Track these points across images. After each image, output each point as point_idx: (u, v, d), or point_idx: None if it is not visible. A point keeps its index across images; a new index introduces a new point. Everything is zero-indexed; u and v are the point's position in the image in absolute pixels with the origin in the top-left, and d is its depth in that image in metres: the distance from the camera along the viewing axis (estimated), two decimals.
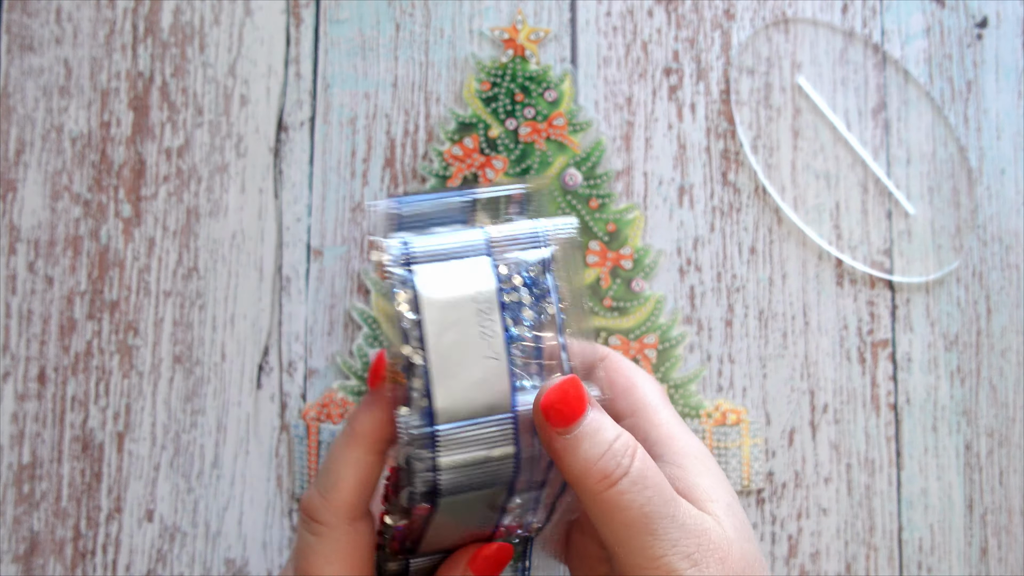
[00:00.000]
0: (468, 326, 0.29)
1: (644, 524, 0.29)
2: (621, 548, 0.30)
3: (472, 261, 0.29)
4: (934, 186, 0.47)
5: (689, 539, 0.30)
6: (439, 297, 0.28)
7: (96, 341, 0.45)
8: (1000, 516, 0.46)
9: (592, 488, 0.29)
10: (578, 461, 0.29)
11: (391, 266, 0.29)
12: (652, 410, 0.34)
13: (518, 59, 0.46)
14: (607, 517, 0.29)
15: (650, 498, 0.30)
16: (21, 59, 0.46)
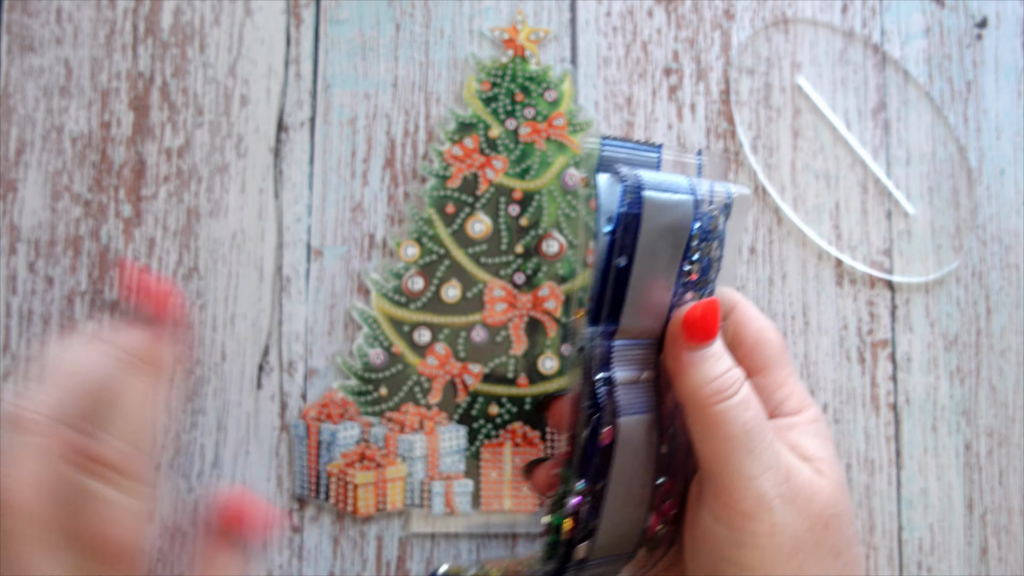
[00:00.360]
0: (663, 252, 0.31)
1: (743, 442, 0.31)
2: (718, 464, 0.31)
3: (680, 197, 0.32)
4: (934, 186, 0.47)
5: (781, 470, 0.31)
6: (654, 218, 0.31)
7: None
8: (1000, 516, 0.46)
9: (703, 400, 0.31)
10: (697, 374, 0.31)
11: (628, 178, 0.32)
12: (775, 369, 0.35)
13: (518, 59, 0.46)
14: (712, 432, 0.31)
15: (752, 418, 0.31)
16: (21, 59, 0.46)
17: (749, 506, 0.30)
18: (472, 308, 0.45)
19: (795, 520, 0.30)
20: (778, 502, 0.30)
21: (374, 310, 0.45)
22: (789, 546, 0.30)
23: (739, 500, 0.30)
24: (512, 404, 0.45)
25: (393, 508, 0.44)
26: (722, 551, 0.31)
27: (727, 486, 0.31)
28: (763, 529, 0.30)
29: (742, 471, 0.30)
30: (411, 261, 0.45)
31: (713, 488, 0.31)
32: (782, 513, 0.30)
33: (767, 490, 0.30)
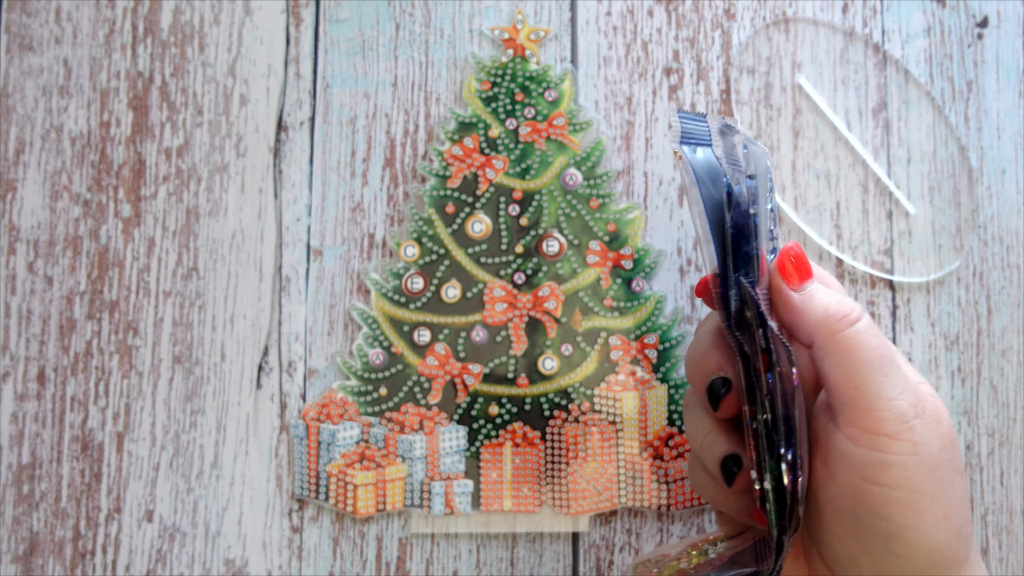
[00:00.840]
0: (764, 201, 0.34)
1: (879, 364, 0.32)
2: (857, 389, 0.32)
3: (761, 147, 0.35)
4: (935, 186, 0.47)
5: (913, 392, 0.32)
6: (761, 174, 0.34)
7: (96, 341, 0.45)
8: (1001, 516, 0.46)
9: (835, 326, 0.32)
10: (817, 306, 0.33)
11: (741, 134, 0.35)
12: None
13: (518, 59, 0.46)
14: (846, 356, 0.32)
15: (884, 343, 0.32)
16: (21, 59, 0.46)
17: (891, 427, 0.31)
18: (472, 308, 0.45)
19: (931, 439, 0.31)
20: (917, 422, 0.31)
21: (374, 310, 0.45)
22: (929, 464, 0.31)
23: (882, 421, 0.31)
24: (512, 404, 0.45)
25: (393, 508, 0.44)
26: (865, 474, 0.31)
27: (869, 408, 0.31)
28: (907, 448, 0.31)
29: (882, 393, 0.31)
30: (411, 261, 0.45)
31: (851, 414, 0.32)
32: (921, 432, 0.31)
33: (906, 410, 0.31)
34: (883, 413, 0.31)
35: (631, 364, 0.45)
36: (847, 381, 0.32)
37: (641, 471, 0.44)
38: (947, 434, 0.32)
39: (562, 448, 0.44)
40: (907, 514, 0.31)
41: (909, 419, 0.31)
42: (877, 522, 0.31)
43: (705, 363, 0.36)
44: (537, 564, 0.45)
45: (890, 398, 0.31)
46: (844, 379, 0.32)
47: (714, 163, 0.34)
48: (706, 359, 0.36)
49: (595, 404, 0.45)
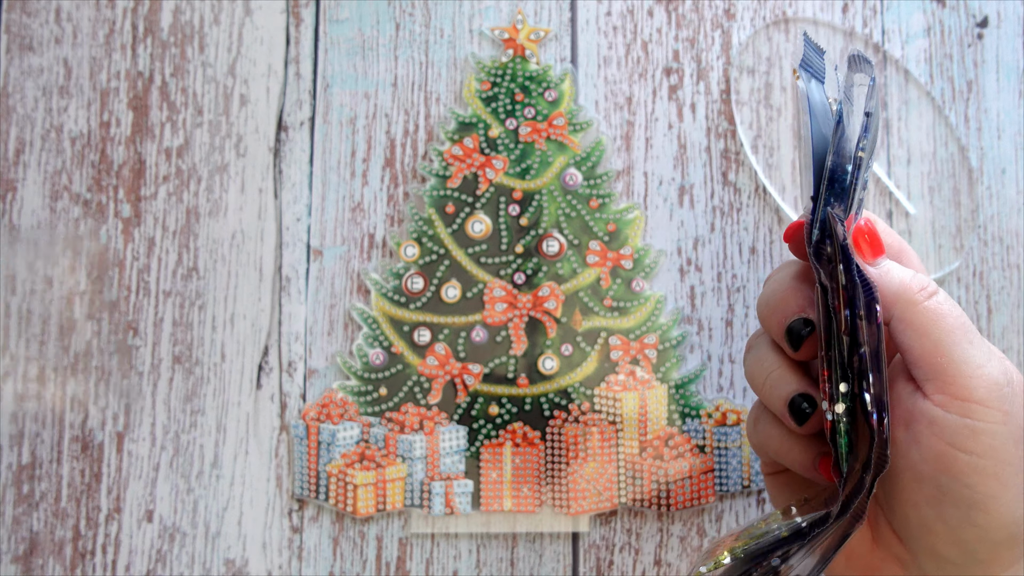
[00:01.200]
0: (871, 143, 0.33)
1: (964, 333, 0.32)
2: (944, 357, 0.31)
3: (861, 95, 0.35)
4: (935, 186, 0.47)
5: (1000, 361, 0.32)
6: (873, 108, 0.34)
7: (96, 341, 0.45)
8: None
9: (915, 298, 0.32)
10: (895, 278, 0.33)
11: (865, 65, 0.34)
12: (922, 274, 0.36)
13: (518, 59, 0.46)
14: (931, 325, 0.32)
15: (963, 312, 0.32)
16: (21, 59, 0.46)
17: (983, 394, 0.31)
18: (472, 308, 0.45)
19: (1020, 410, 0.31)
20: (1008, 390, 0.31)
21: (374, 310, 0.45)
22: (1018, 435, 0.31)
23: (974, 388, 0.31)
24: (512, 404, 0.45)
25: (393, 508, 0.44)
26: (953, 440, 0.31)
27: (959, 374, 0.31)
28: (997, 417, 0.30)
29: (971, 359, 0.31)
30: (411, 261, 0.45)
31: (941, 381, 0.31)
32: (1011, 401, 0.31)
33: (997, 377, 0.31)
34: (974, 380, 0.31)
35: (631, 364, 0.45)
36: (933, 350, 0.32)
37: (641, 471, 0.44)
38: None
39: (562, 448, 0.44)
40: (991, 483, 0.30)
41: (1001, 386, 0.31)
42: (960, 490, 0.31)
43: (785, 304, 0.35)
44: (537, 564, 0.45)
45: (979, 364, 0.31)
46: (930, 348, 0.32)
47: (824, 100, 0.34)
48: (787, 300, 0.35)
49: (595, 404, 0.45)
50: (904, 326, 0.32)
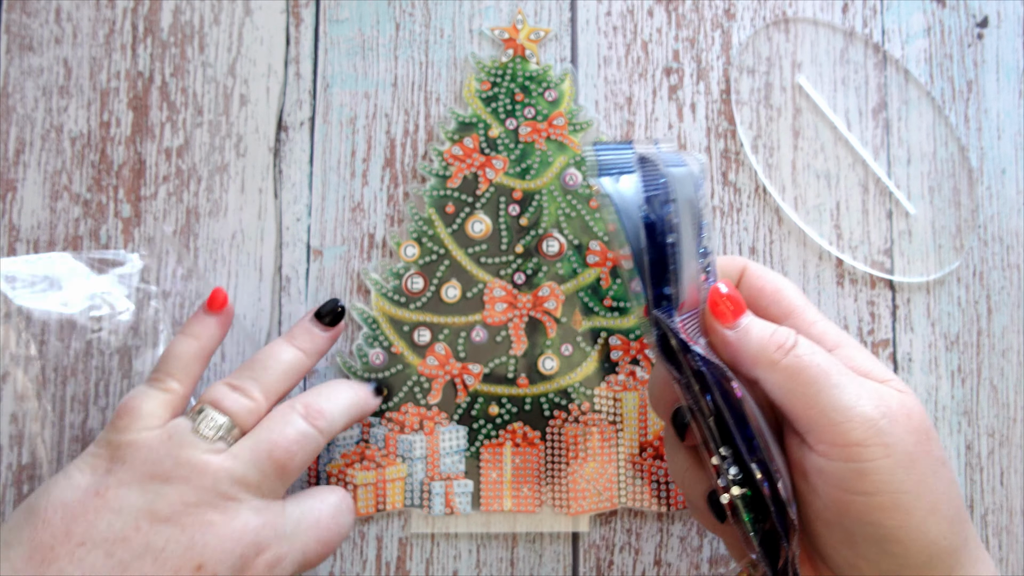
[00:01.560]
0: (689, 224, 0.34)
1: (827, 378, 0.32)
2: (812, 410, 0.32)
3: (686, 168, 0.35)
4: (935, 186, 0.47)
5: (872, 394, 0.32)
6: (680, 191, 0.34)
7: (96, 341, 0.45)
8: (1001, 516, 0.46)
9: (772, 358, 0.33)
10: (752, 341, 0.33)
11: (650, 158, 0.35)
12: (803, 310, 0.36)
13: (518, 59, 0.46)
14: (792, 382, 0.32)
15: (826, 357, 0.32)
16: (21, 59, 0.46)
17: (859, 435, 0.31)
18: (472, 308, 0.45)
19: (903, 436, 0.31)
20: (884, 422, 0.31)
21: (374, 310, 0.45)
22: (906, 461, 0.31)
23: (848, 432, 0.31)
24: (512, 404, 0.45)
25: (393, 508, 0.44)
26: (844, 486, 0.31)
27: (831, 423, 0.31)
28: (878, 452, 0.31)
29: (840, 405, 0.31)
30: (411, 261, 0.45)
31: (816, 433, 0.32)
32: (890, 431, 0.31)
33: (869, 413, 0.31)
34: (846, 424, 0.31)
35: (631, 364, 0.45)
36: (803, 405, 0.32)
37: (641, 471, 0.44)
38: (920, 426, 0.32)
39: (562, 448, 0.44)
40: (894, 515, 0.31)
41: (876, 421, 0.31)
42: (866, 529, 0.31)
43: (663, 395, 0.37)
44: (537, 564, 0.45)
45: (849, 407, 0.31)
46: (799, 403, 0.32)
47: (633, 193, 0.34)
48: (663, 391, 0.37)
49: (595, 404, 0.45)
50: (770, 386, 0.33)
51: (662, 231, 0.33)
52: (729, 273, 0.38)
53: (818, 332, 0.35)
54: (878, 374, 0.34)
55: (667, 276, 0.33)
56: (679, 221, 0.33)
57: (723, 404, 0.32)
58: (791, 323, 0.36)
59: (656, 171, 0.34)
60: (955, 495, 0.32)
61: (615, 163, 0.35)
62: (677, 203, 0.33)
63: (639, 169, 0.35)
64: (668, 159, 0.35)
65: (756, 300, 0.37)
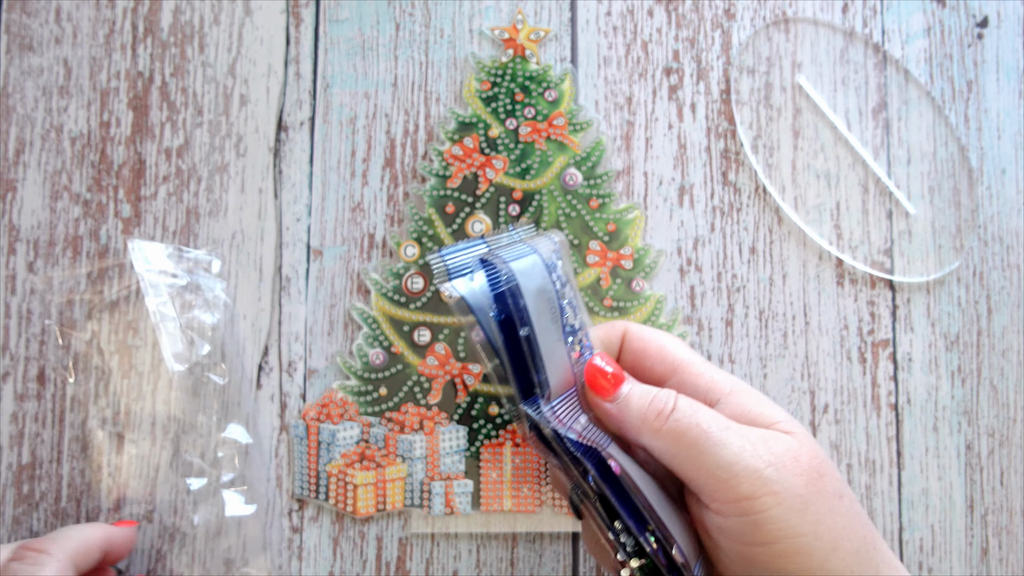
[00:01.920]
0: (546, 310, 0.34)
1: (708, 437, 0.32)
2: (699, 471, 0.32)
3: (531, 258, 0.35)
4: (935, 186, 0.47)
5: (757, 445, 0.32)
6: (528, 283, 0.34)
7: (96, 341, 0.45)
8: (1001, 516, 0.46)
9: (653, 426, 0.33)
10: (632, 411, 0.34)
11: (491, 259, 0.35)
12: (689, 363, 0.36)
13: (518, 59, 0.46)
14: (676, 446, 0.32)
15: (706, 416, 0.33)
16: (21, 59, 0.46)
17: (747, 489, 0.31)
18: None
19: (791, 480, 0.31)
20: (770, 471, 0.31)
21: (374, 310, 0.45)
22: (799, 505, 0.31)
23: (736, 487, 0.31)
24: (512, 404, 0.45)
25: (393, 508, 0.44)
26: (743, 540, 0.31)
27: (718, 481, 0.31)
28: (769, 502, 0.31)
29: (723, 462, 0.32)
30: (411, 261, 0.45)
31: (707, 492, 0.32)
32: (778, 479, 0.31)
33: (755, 465, 0.31)
34: (733, 480, 0.31)
35: None
36: (688, 467, 0.32)
37: None
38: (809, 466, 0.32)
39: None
40: (795, 560, 0.31)
41: (762, 471, 0.31)
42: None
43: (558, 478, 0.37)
44: (537, 564, 0.45)
45: (733, 463, 0.31)
46: (685, 466, 0.33)
47: (482, 293, 0.34)
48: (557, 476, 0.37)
49: None
50: (658, 452, 0.33)
51: (515, 326, 0.33)
52: (611, 339, 0.38)
53: (707, 383, 0.36)
54: (768, 417, 0.34)
55: (530, 368, 0.34)
56: (531, 313, 0.33)
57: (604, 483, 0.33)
58: (678, 378, 0.36)
59: (498, 269, 0.34)
60: (858, 526, 0.32)
61: (462, 265, 0.35)
62: (525, 296, 0.33)
63: (482, 269, 0.35)
64: (510, 254, 0.34)
65: (640, 361, 0.37)
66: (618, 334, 0.38)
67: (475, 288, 0.34)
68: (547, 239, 0.37)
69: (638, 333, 0.38)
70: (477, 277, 0.35)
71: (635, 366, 0.37)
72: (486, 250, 0.36)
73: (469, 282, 0.35)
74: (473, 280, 0.35)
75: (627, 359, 0.37)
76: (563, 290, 0.35)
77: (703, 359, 0.37)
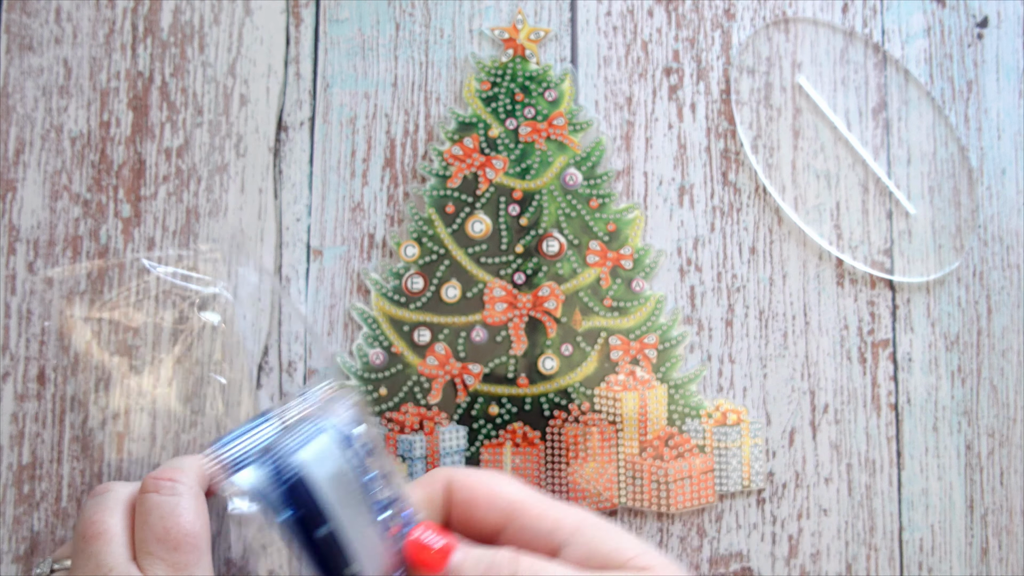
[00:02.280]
0: (349, 494, 0.30)
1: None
2: None
3: (320, 439, 0.31)
4: (935, 186, 0.47)
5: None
6: (319, 471, 0.30)
7: (96, 341, 0.45)
8: (1001, 516, 0.46)
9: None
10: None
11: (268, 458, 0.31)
12: (526, 506, 0.33)
13: (518, 59, 0.46)
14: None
15: (553, 572, 0.30)
16: (21, 59, 0.46)
17: None
18: (472, 308, 0.45)
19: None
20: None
21: (374, 310, 0.45)
22: None
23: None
24: (512, 404, 0.45)
25: None
26: None
27: None
28: None
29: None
30: (411, 261, 0.45)
31: None
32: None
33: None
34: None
35: (631, 364, 0.45)
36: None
37: (641, 471, 0.44)
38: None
39: (562, 448, 0.44)
40: None
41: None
42: None
43: None
44: None
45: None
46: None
47: (268, 489, 0.30)
48: None
49: (595, 404, 0.45)
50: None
51: (310, 525, 0.30)
52: (433, 497, 0.34)
53: (549, 525, 0.32)
54: (621, 553, 0.31)
55: (339, 563, 0.30)
56: (327, 505, 0.30)
57: None
58: (516, 525, 0.33)
59: (281, 461, 0.30)
60: None
61: (242, 457, 0.31)
62: (317, 488, 0.30)
63: (262, 463, 0.30)
64: (295, 440, 0.31)
65: (471, 512, 0.33)
66: (440, 488, 0.34)
67: (260, 484, 0.30)
68: (343, 402, 0.33)
69: (463, 481, 0.34)
70: (259, 473, 0.30)
71: (467, 520, 0.33)
72: (271, 434, 0.32)
73: (257, 470, 0.30)
74: (262, 468, 0.30)
75: (457, 514, 0.33)
76: (367, 462, 0.31)
77: (541, 496, 0.33)
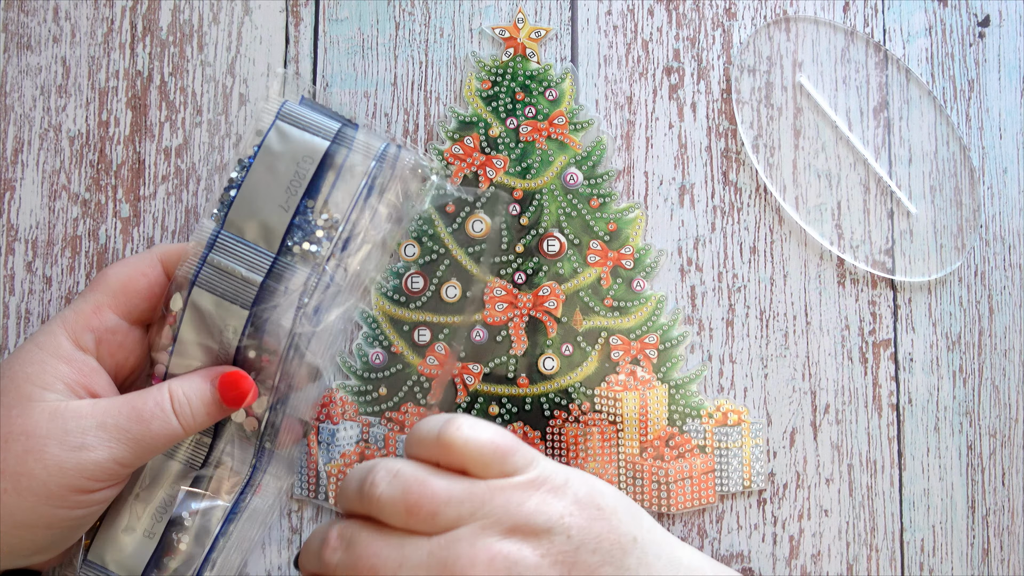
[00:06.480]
0: (281, 175, 0.40)
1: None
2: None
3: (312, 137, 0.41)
4: (936, 185, 0.47)
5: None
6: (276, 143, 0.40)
7: None
8: (1002, 517, 0.46)
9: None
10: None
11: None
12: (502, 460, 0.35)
13: (519, 58, 0.46)
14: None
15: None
16: (19, 58, 0.46)
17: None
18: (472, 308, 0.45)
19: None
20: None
21: (374, 310, 0.45)
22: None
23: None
24: (512, 404, 0.45)
25: None
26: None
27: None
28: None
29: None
30: (411, 260, 0.45)
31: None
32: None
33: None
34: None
35: (631, 364, 0.45)
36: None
37: (641, 471, 0.44)
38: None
39: (562, 448, 0.44)
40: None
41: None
42: None
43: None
44: None
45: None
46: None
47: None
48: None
49: (595, 404, 0.44)
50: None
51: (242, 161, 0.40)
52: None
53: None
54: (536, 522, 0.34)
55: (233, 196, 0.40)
56: (256, 161, 0.40)
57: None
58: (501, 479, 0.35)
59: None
60: None
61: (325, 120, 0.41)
62: (261, 148, 0.40)
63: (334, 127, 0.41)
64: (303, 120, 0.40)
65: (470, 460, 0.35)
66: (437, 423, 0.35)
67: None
68: (415, 156, 0.39)
69: (460, 427, 0.35)
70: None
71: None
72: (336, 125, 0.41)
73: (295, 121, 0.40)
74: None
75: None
76: (365, 201, 0.39)
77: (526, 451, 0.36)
